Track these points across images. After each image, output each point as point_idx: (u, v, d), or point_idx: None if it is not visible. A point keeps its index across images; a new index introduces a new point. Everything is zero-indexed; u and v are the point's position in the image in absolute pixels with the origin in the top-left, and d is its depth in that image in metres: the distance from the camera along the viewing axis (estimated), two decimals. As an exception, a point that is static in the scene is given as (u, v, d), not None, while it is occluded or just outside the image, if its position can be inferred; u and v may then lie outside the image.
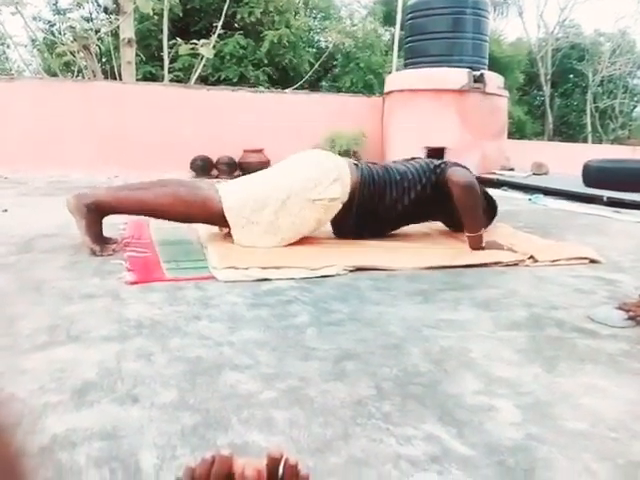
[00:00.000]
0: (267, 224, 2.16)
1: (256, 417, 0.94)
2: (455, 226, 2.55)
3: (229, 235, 2.24)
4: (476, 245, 2.24)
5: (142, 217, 2.56)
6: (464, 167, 2.40)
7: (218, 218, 2.17)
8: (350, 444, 0.87)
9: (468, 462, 0.83)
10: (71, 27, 7.91)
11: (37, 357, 1.16)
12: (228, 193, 2.18)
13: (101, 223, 2.11)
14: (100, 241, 2.09)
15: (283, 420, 0.93)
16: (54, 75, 8.43)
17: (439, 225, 2.78)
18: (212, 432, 0.89)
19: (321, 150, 2.49)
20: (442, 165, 2.38)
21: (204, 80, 9.99)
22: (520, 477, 0.80)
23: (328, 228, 2.43)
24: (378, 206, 2.33)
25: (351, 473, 0.80)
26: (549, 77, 19.04)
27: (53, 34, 12.22)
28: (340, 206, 2.27)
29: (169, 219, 2.22)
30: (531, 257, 2.13)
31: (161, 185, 2.18)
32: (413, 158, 2.52)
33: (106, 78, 8.01)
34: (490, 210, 2.57)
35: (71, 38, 7.70)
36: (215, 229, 2.41)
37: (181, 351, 1.20)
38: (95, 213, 2.07)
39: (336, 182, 2.22)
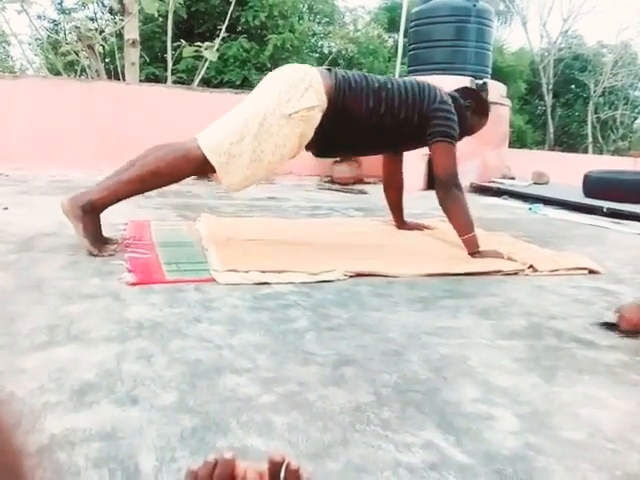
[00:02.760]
0: (250, 152, 2.08)
1: (255, 421, 0.94)
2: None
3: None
4: (472, 247, 2.24)
5: (142, 220, 2.57)
6: (449, 129, 2.33)
7: (203, 164, 2.10)
8: (349, 450, 0.87)
9: (466, 470, 0.83)
10: (76, 27, 7.93)
11: (36, 357, 1.15)
12: (205, 136, 2.13)
13: (99, 222, 2.09)
14: (99, 242, 2.07)
15: (282, 424, 0.93)
16: (57, 74, 8.45)
17: (439, 233, 2.78)
18: (211, 435, 0.89)
19: (286, 65, 2.37)
20: (430, 105, 2.31)
21: (207, 82, 10.01)
22: (518, 486, 0.81)
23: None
24: (353, 114, 2.23)
25: (349, 479, 0.80)
26: (551, 87, 19.11)
27: (57, 33, 12.25)
28: (320, 115, 2.17)
29: (161, 185, 2.18)
30: (531, 266, 2.14)
31: (141, 157, 2.12)
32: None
33: (109, 78, 8.02)
34: (480, 110, 2.54)
35: (75, 38, 7.71)
36: (217, 234, 2.41)
37: (181, 353, 1.21)
38: (91, 213, 2.05)
39: (308, 90, 2.13)
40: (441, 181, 2.32)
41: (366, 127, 2.28)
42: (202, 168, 2.14)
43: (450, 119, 2.35)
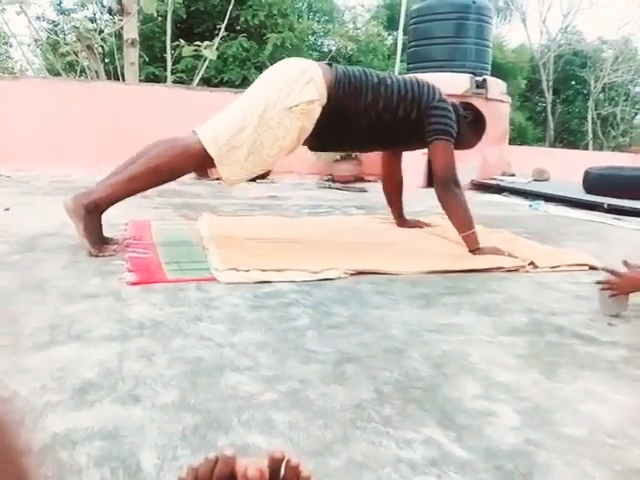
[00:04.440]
0: (250, 144, 2.09)
1: (256, 419, 0.94)
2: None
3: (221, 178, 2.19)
4: (473, 244, 2.24)
5: (143, 220, 2.57)
6: (448, 127, 2.33)
7: (203, 158, 2.10)
8: (350, 447, 0.87)
9: (467, 466, 0.84)
10: (75, 27, 7.93)
11: (38, 356, 1.16)
12: (204, 129, 2.13)
13: (100, 222, 2.09)
14: (100, 242, 2.07)
15: (283, 422, 0.94)
16: (57, 75, 8.45)
17: (439, 230, 2.78)
18: (213, 433, 0.89)
19: (288, 59, 2.39)
20: (428, 103, 2.31)
21: (207, 82, 10.01)
22: (519, 482, 0.81)
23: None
24: (351, 109, 2.24)
25: (351, 476, 0.80)
26: (551, 83, 19.08)
27: (57, 34, 12.25)
28: (319, 109, 2.17)
29: (162, 182, 2.17)
30: (531, 263, 2.14)
31: (141, 155, 2.13)
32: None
33: (109, 78, 8.03)
34: (477, 126, 2.54)
35: (74, 38, 7.71)
36: (218, 234, 2.42)
37: (182, 352, 1.21)
38: (94, 213, 2.05)
39: (309, 84, 2.14)
40: (440, 179, 2.32)
41: (364, 122, 2.28)
42: (202, 162, 2.14)
43: (448, 117, 2.35)
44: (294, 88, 2.13)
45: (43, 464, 0.80)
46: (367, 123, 2.28)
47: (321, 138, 2.32)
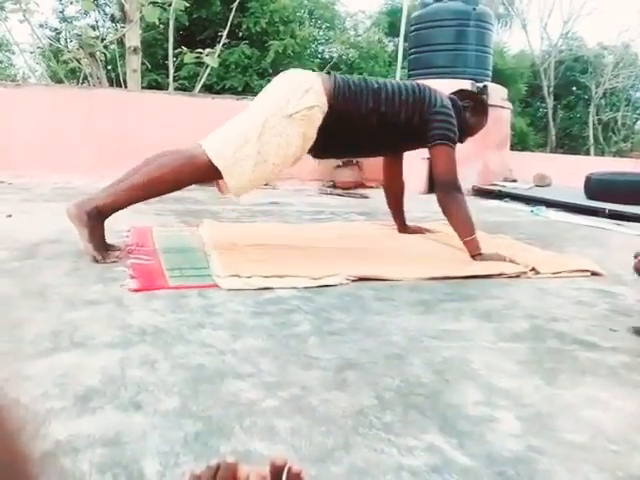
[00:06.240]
0: (255, 155, 2.11)
1: (258, 425, 0.94)
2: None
3: (226, 189, 2.21)
4: (474, 249, 2.25)
5: (145, 227, 2.58)
6: (449, 132, 2.35)
7: (209, 170, 2.13)
8: (351, 454, 0.87)
9: (469, 473, 0.84)
10: (77, 35, 7.97)
11: (40, 363, 1.16)
12: (209, 142, 2.16)
13: (103, 228, 2.11)
14: (103, 248, 2.09)
15: (285, 429, 0.94)
16: (59, 82, 8.49)
17: (441, 237, 2.78)
18: (215, 440, 0.89)
19: (287, 71, 2.42)
20: (430, 108, 2.34)
21: (209, 89, 10.03)
22: (520, 488, 0.81)
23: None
24: (354, 115, 2.27)
25: (352, 482, 0.80)
26: (552, 89, 19.11)
27: (59, 41, 12.31)
28: (321, 115, 2.20)
29: (165, 192, 2.20)
30: (533, 269, 2.14)
31: (145, 164, 2.16)
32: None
33: (111, 86, 8.06)
34: (479, 109, 2.58)
35: (77, 45, 7.75)
36: (220, 240, 2.42)
37: (184, 359, 1.21)
38: (97, 219, 2.07)
39: (308, 92, 2.18)
40: (441, 183, 2.33)
41: (367, 127, 2.31)
42: (207, 174, 2.17)
43: (450, 122, 2.37)
44: (294, 96, 2.17)
45: (45, 471, 0.80)
46: (370, 128, 2.31)
47: (324, 144, 2.34)
